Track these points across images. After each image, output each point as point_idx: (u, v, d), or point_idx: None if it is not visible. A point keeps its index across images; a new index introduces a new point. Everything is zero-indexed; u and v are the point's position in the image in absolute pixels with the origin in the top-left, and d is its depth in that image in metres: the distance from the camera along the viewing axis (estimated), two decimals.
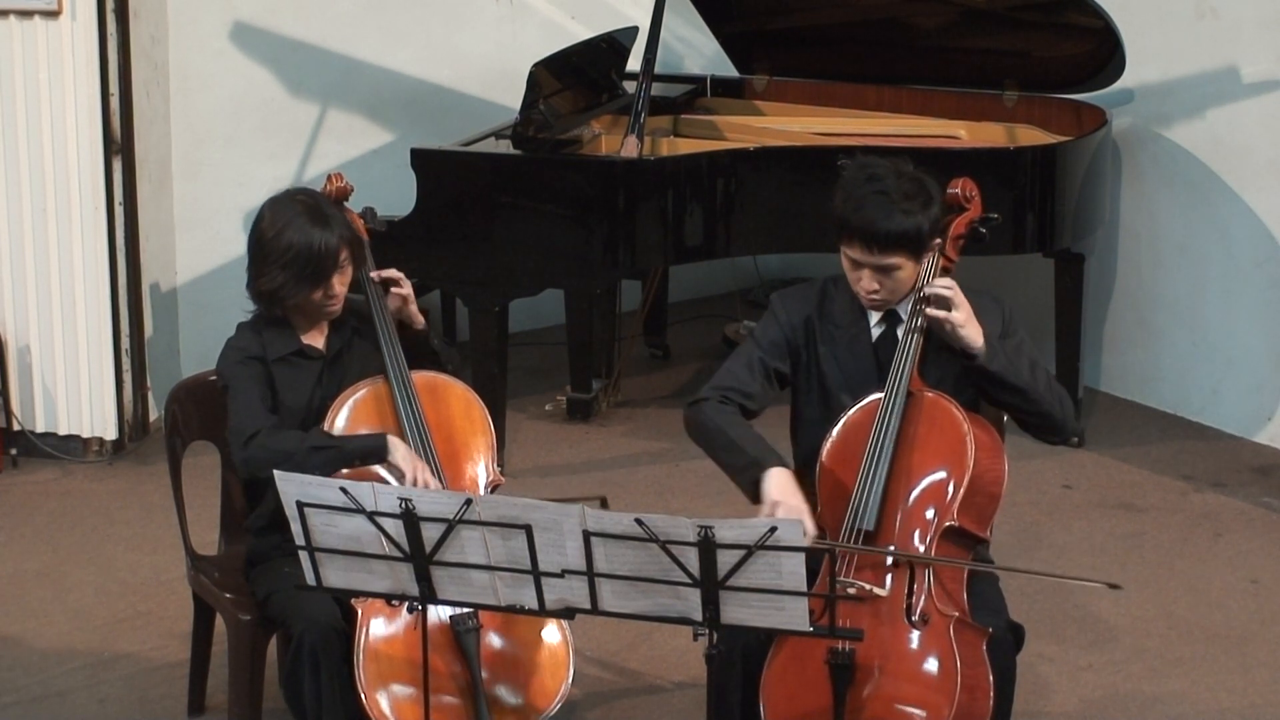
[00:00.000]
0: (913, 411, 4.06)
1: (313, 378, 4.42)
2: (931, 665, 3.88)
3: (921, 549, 3.98)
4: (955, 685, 3.84)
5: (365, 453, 4.25)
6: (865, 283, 4.10)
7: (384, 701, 4.11)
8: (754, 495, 4.02)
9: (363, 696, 4.10)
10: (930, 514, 4.01)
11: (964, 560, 4.01)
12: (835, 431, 4.11)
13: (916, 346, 4.10)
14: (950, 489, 4.01)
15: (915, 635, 3.91)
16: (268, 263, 4.32)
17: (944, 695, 3.84)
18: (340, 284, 4.36)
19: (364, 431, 4.32)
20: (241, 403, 4.33)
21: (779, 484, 4.00)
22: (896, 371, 4.08)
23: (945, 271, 4.17)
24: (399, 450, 4.24)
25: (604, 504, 3.83)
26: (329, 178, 4.63)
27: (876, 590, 3.94)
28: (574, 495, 4.10)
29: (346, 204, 4.62)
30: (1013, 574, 5.32)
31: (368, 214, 4.72)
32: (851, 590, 3.93)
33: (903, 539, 4.00)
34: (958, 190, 4.24)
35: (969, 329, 4.06)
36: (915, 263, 4.10)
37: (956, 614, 3.93)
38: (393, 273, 4.49)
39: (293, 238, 4.29)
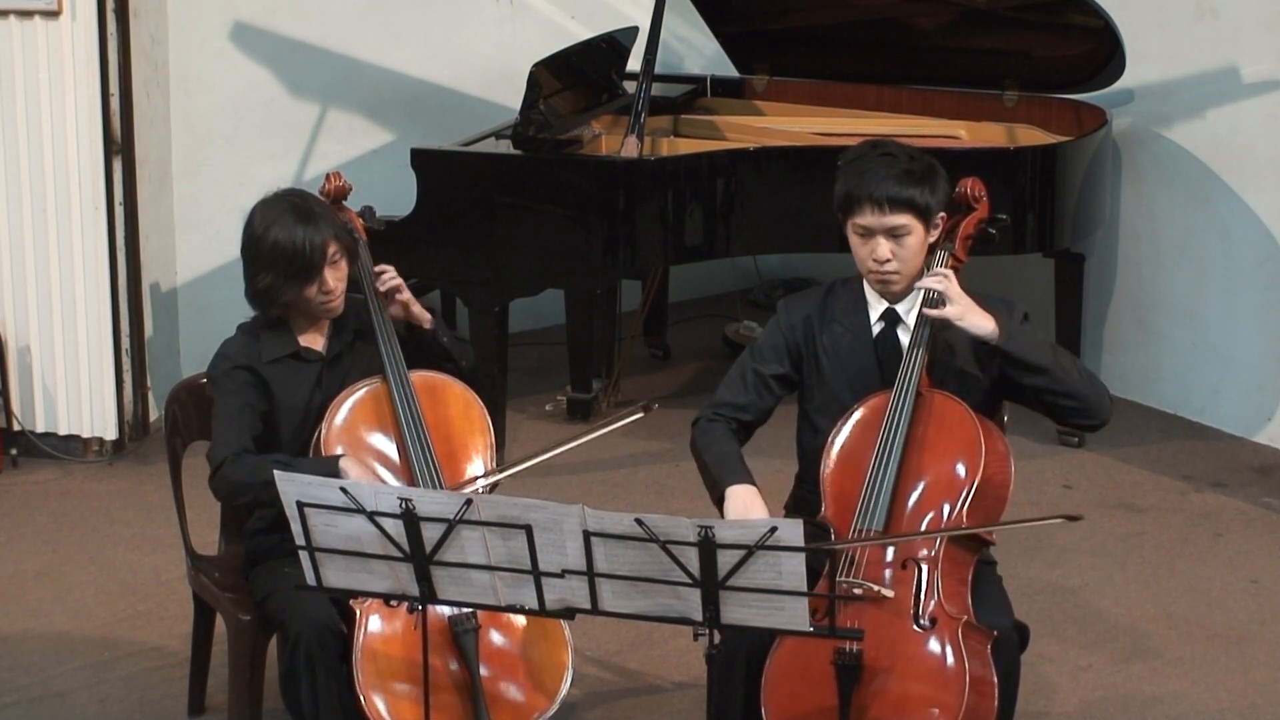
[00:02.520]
0: (921, 412, 4.05)
1: (311, 379, 4.41)
2: (939, 667, 3.87)
3: (930, 552, 3.97)
4: (964, 687, 3.83)
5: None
6: (878, 251, 4.08)
7: (382, 702, 4.10)
8: (722, 514, 4.09)
9: (361, 697, 4.10)
10: (940, 515, 4.00)
11: (948, 530, 3.98)
12: (842, 431, 4.11)
13: (925, 346, 4.10)
14: (961, 491, 4.00)
15: (923, 638, 3.90)
16: (257, 262, 4.33)
17: (953, 697, 3.83)
18: (334, 279, 4.34)
19: (364, 432, 4.32)
20: (219, 425, 4.34)
21: (737, 503, 4.06)
22: (905, 371, 4.07)
23: (954, 272, 4.17)
24: (351, 474, 4.21)
25: (647, 409, 3.99)
26: (327, 177, 4.64)
27: (883, 591, 3.93)
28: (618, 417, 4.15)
29: (345, 203, 4.62)
30: (1015, 575, 5.33)
31: (366, 213, 4.72)
32: (858, 591, 3.92)
33: (910, 540, 3.99)
34: (966, 190, 4.23)
35: (970, 319, 4.05)
36: (924, 230, 4.09)
37: (964, 617, 3.92)
38: (388, 270, 4.48)
39: (278, 235, 4.29)
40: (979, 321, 4.05)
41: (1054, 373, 4.07)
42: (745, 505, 4.04)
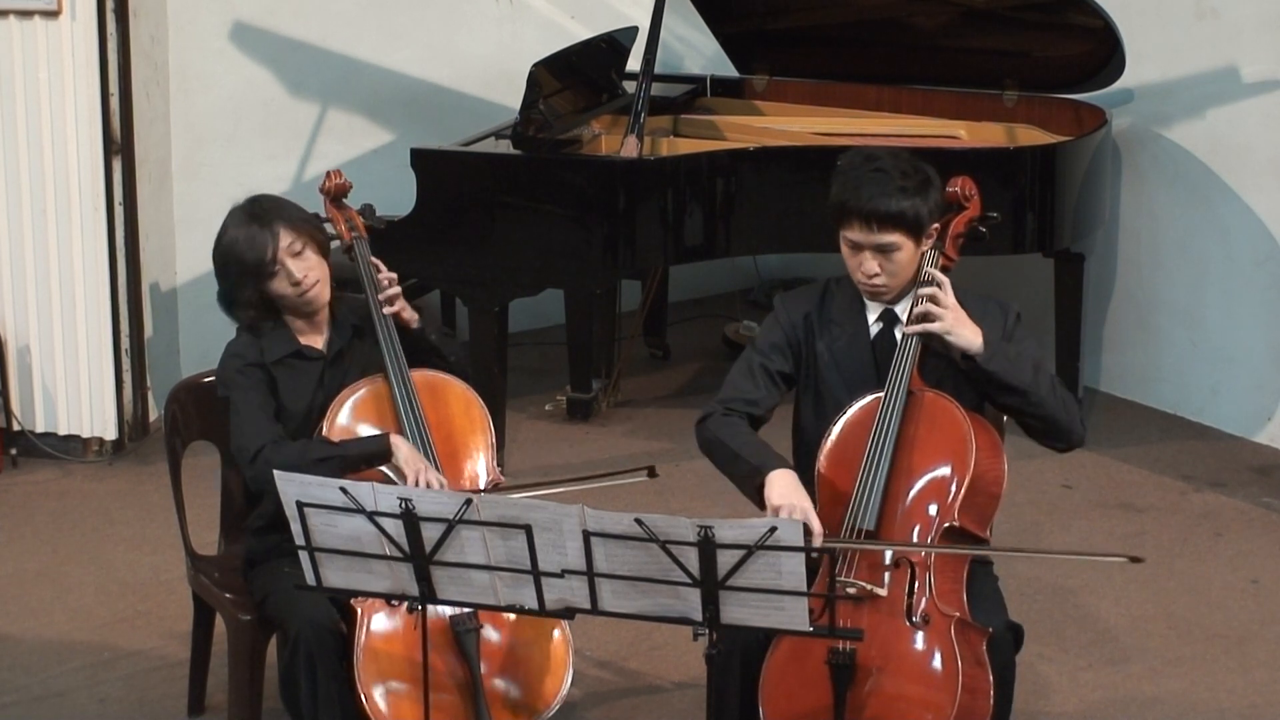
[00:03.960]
0: (913, 410, 4.06)
1: (313, 379, 4.41)
2: (933, 665, 3.88)
3: (922, 551, 3.98)
4: (957, 685, 3.84)
5: (369, 456, 4.25)
6: (866, 266, 4.08)
7: (382, 701, 4.11)
8: (759, 502, 4.03)
9: (361, 696, 4.10)
10: (931, 513, 4.01)
11: (964, 548, 4.00)
12: (834, 430, 4.11)
13: (916, 345, 4.10)
14: (951, 488, 4.01)
15: (916, 635, 3.91)
16: (219, 266, 4.36)
17: (946, 695, 3.84)
18: (301, 270, 4.32)
19: (365, 430, 4.32)
20: (244, 417, 4.32)
21: (780, 487, 4.00)
22: (897, 370, 4.08)
23: (945, 270, 4.17)
24: (402, 451, 4.23)
25: (651, 473, 3.94)
26: (327, 175, 4.64)
27: (876, 590, 3.94)
28: (621, 469, 4.13)
29: (345, 200, 4.62)
30: (1014, 575, 5.33)
31: (366, 211, 4.73)
32: (851, 590, 3.93)
33: (903, 538, 3.99)
34: (957, 189, 4.23)
35: (958, 334, 4.05)
36: (915, 244, 4.09)
37: (957, 614, 3.93)
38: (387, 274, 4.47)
39: (228, 236, 4.33)
40: (966, 335, 4.05)
41: (1030, 395, 4.07)
42: (790, 487, 3.99)
